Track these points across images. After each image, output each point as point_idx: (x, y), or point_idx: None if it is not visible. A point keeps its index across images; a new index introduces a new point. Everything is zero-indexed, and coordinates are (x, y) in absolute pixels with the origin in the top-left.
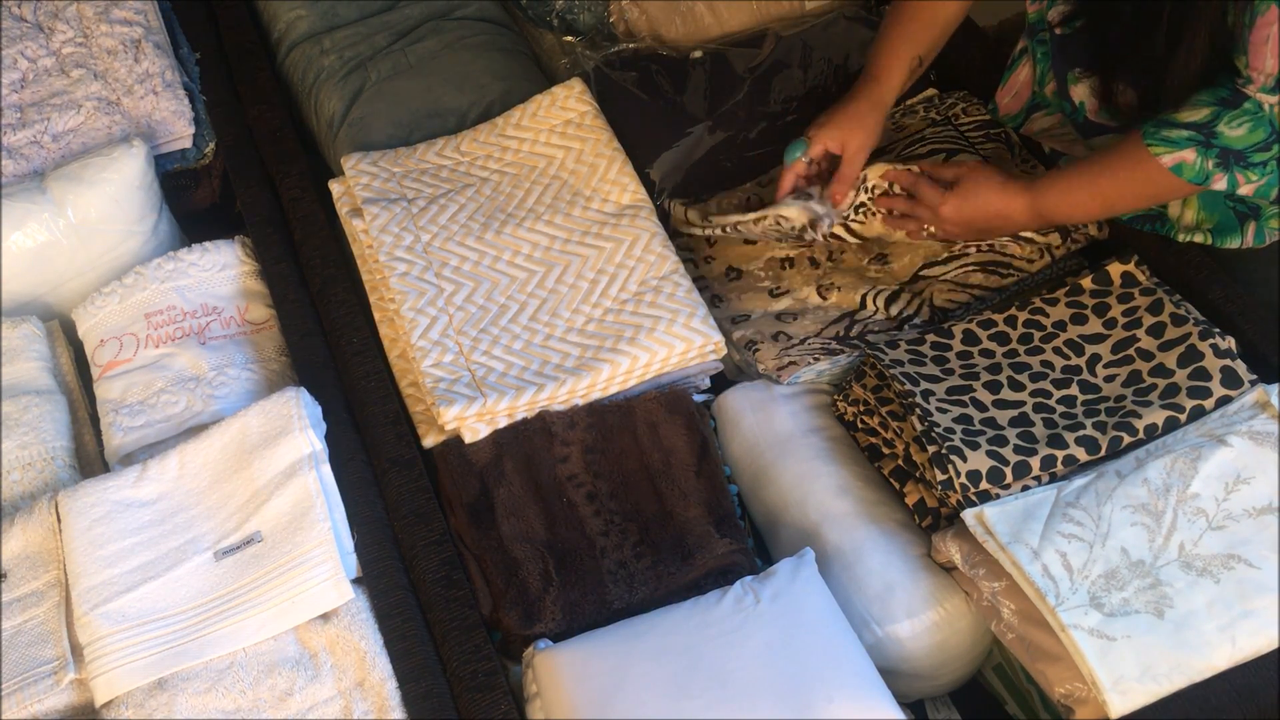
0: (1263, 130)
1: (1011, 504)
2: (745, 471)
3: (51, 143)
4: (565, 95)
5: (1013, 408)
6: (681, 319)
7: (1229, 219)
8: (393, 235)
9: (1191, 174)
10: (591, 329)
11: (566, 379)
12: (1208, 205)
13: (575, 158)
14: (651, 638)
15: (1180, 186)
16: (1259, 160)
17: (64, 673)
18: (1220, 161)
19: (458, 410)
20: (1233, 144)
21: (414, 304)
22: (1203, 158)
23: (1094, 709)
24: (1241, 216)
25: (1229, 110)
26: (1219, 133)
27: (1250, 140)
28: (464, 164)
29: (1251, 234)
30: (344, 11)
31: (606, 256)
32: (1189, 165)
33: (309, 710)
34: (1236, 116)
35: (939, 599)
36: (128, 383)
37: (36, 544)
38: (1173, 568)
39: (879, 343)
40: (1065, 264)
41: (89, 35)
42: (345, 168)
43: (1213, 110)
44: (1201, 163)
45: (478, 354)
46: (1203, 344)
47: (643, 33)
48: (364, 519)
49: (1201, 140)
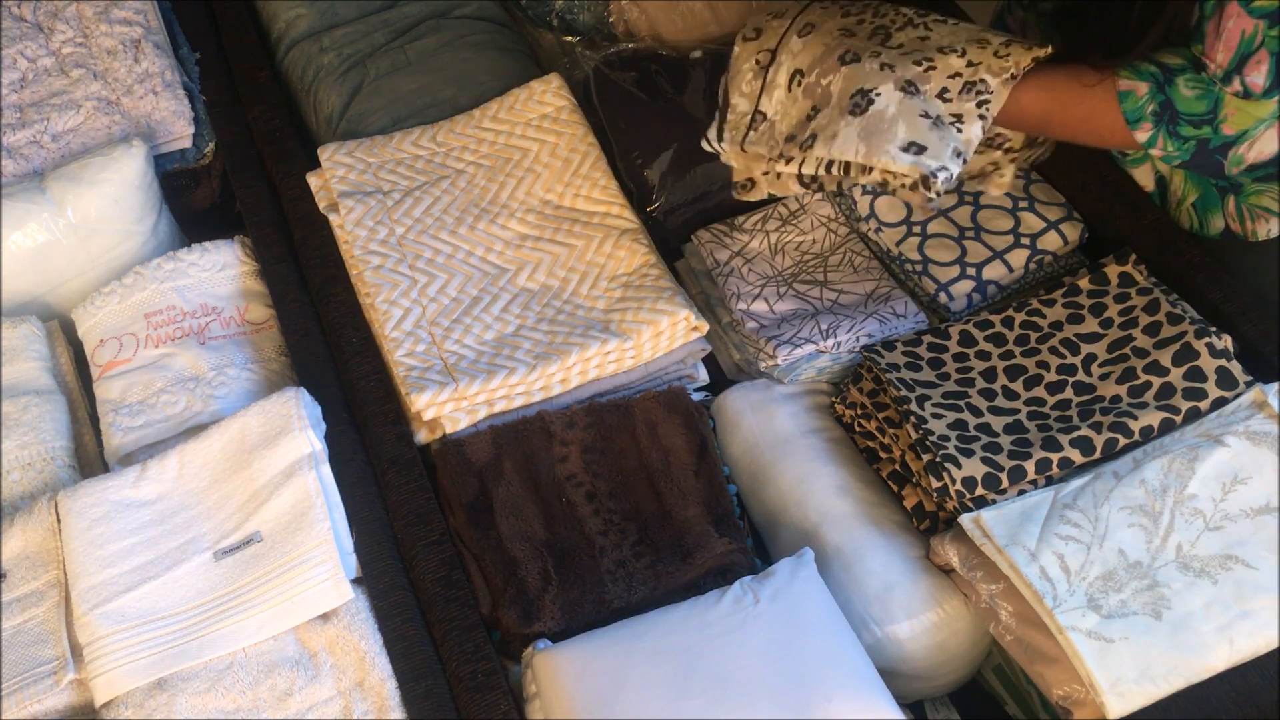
0: (1206, 103)
1: (1009, 506)
2: (745, 471)
3: (51, 143)
4: (543, 90)
5: (1007, 414)
6: (649, 303)
7: (1211, 193)
8: (367, 229)
9: (1132, 106)
10: (563, 319)
11: (537, 363)
12: (1193, 175)
13: (550, 151)
14: (651, 637)
15: (1114, 117)
16: (1185, 134)
17: (64, 673)
18: (1159, 112)
19: (429, 397)
20: (1177, 102)
21: (388, 296)
22: (1150, 99)
23: (1092, 710)
24: (1221, 191)
25: (1193, 70)
26: (1175, 84)
27: (1192, 107)
28: (440, 155)
29: (1233, 207)
30: (343, 10)
31: (578, 254)
32: (1135, 97)
33: (309, 710)
34: (1196, 80)
35: (938, 600)
36: (127, 383)
37: (36, 544)
38: (1170, 569)
39: (875, 345)
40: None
41: (89, 35)
42: (322, 159)
43: (1184, 63)
44: (1146, 102)
45: (450, 342)
46: (1198, 343)
47: (642, 33)
48: (364, 519)
49: (1159, 82)
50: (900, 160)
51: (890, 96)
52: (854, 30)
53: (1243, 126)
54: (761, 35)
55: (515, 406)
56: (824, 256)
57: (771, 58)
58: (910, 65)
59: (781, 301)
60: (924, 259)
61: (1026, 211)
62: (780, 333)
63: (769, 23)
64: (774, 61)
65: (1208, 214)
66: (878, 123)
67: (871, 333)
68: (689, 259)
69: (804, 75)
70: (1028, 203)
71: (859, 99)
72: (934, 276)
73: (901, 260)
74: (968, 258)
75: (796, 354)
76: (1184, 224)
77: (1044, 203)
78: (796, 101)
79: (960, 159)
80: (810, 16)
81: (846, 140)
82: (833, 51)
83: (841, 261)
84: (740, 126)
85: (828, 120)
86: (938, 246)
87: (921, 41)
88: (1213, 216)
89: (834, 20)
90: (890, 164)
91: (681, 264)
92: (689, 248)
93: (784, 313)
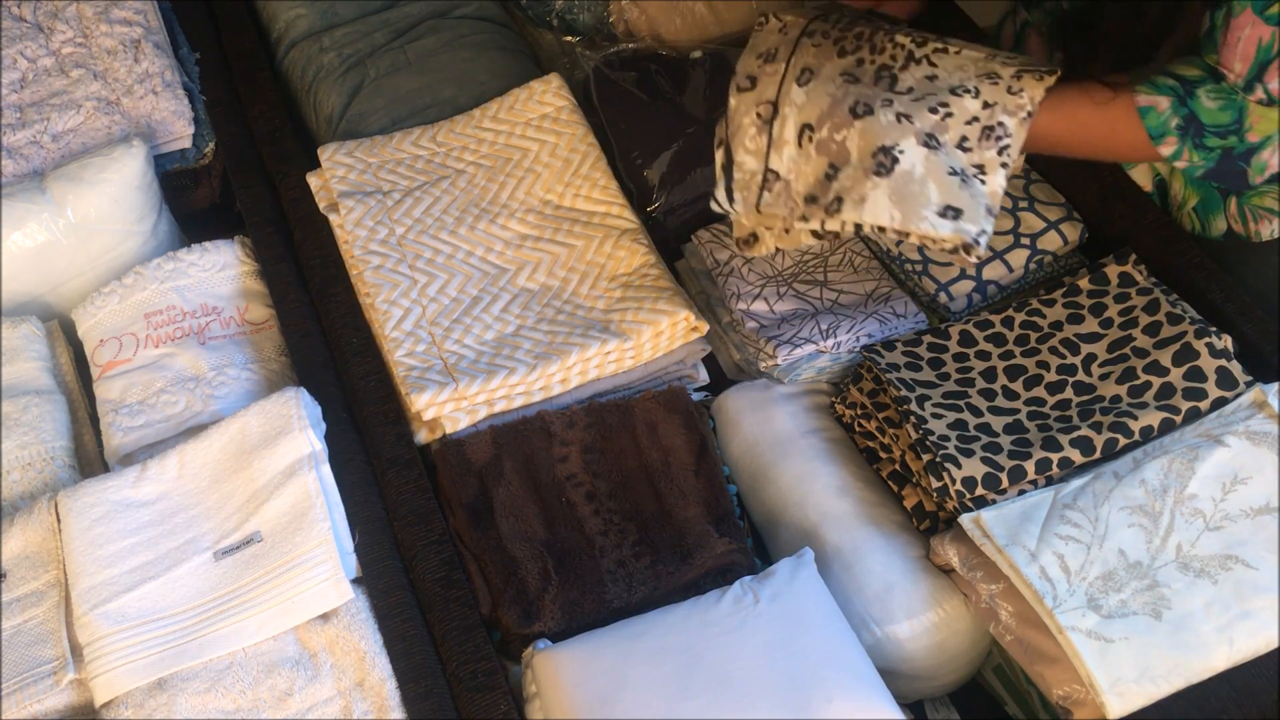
0: (1231, 113)
1: (1009, 506)
2: (745, 471)
3: (51, 143)
4: (543, 90)
5: (1007, 414)
6: (648, 303)
7: (1213, 196)
8: (367, 229)
9: (1155, 122)
10: (563, 319)
11: (537, 363)
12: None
13: (550, 151)
14: (650, 638)
15: (1135, 133)
16: (1211, 145)
17: (63, 673)
18: (1183, 125)
19: (429, 397)
20: (1201, 114)
21: (388, 296)
22: (1172, 113)
23: (1092, 710)
24: (1223, 193)
25: (1213, 81)
26: (1197, 96)
27: (1217, 119)
28: (440, 155)
29: (1235, 209)
30: (343, 10)
31: (578, 254)
32: (1157, 113)
33: (309, 710)
34: (1217, 91)
35: (938, 600)
36: (127, 383)
37: (36, 544)
38: (1170, 569)
39: (875, 345)
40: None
41: (89, 35)
42: (322, 159)
43: (1202, 74)
44: (1169, 116)
45: (450, 342)
46: (1198, 343)
47: (642, 33)
48: (364, 519)
49: (1180, 95)
50: (940, 228)
51: (914, 154)
52: (856, 75)
53: (1267, 133)
54: (758, 85)
55: (515, 406)
56: (824, 256)
57: (774, 110)
58: (926, 114)
59: (781, 301)
60: (924, 259)
61: (1026, 211)
62: (780, 333)
63: (761, 69)
64: (777, 114)
65: (1209, 216)
66: (907, 184)
67: (871, 333)
68: (689, 259)
69: (814, 130)
70: (1028, 203)
71: (882, 158)
72: (934, 276)
73: (901, 260)
74: None
75: (796, 354)
76: (1185, 227)
77: (1044, 203)
78: (810, 159)
79: (991, 215)
80: (805, 59)
81: (877, 205)
82: (840, 103)
83: (841, 261)
84: (752, 187)
85: (852, 182)
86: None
87: (930, 82)
88: (1214, 218)
89: (831, 62)
90: (930, 231)
91: (681, 264)
92: (689, 248)
93: (784, 313)
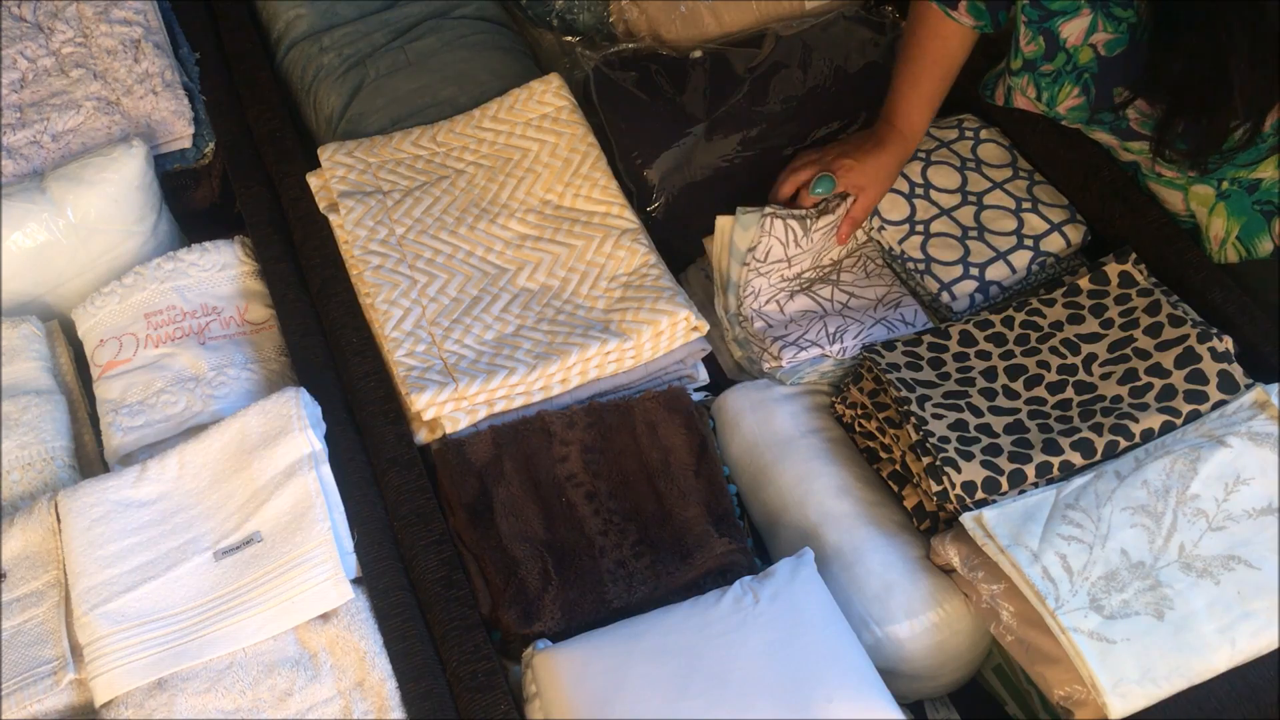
0: None
1: (1011, 506)
2: (745, 472)
3: (51, 143)
4: (543, 90)
5: (1007, 415)
6: (648, 303)
7: (1256, 220)
8: (367, 229)
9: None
10: (562, 319)
11: (537, 363)
12: (1234, 209)
13: (550, 151)
14: (650, 638)
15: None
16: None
17: (63, 673)
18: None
19: (429, 397)
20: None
21: (388, 296)
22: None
23: (1093, 710)
24: (1268, 214)
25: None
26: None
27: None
28: (439, 155)
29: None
30: (343, 10)
31: (578, 254)
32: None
33: (309, 710)
34: None
35: (938, 600)
36: (127, 383)
37: (36, 544)
38: (1173, 569)
39: (876, 345)
40: (1066, 265)
41: (89, 35)
42: (322, 159)
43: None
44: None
45: (449, 343)
46: (1201, 346)
47: (642, 33)
48: (364, 519)
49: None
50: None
51: None
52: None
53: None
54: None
55: (515, 406)
56: (839, 260)
57: None
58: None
59: (793, 301)
60: (927, 258)
61: (1030, 213)
62: (786, 334)
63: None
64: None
65: (1254, 241)
66: None
67: (878, 340)
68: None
69: None
70: (1031, 204)
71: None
72: (937, 276)
73: (904, 259)
74: (971, 258)
75: (801, 357)
76: (1232, 259)
77: (1047, 204)
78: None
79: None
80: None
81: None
82: None
83: (856, 264)
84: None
85: None
86: (941, 246)
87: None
88: (1260, 241)
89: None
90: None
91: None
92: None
93: (793, 313)
